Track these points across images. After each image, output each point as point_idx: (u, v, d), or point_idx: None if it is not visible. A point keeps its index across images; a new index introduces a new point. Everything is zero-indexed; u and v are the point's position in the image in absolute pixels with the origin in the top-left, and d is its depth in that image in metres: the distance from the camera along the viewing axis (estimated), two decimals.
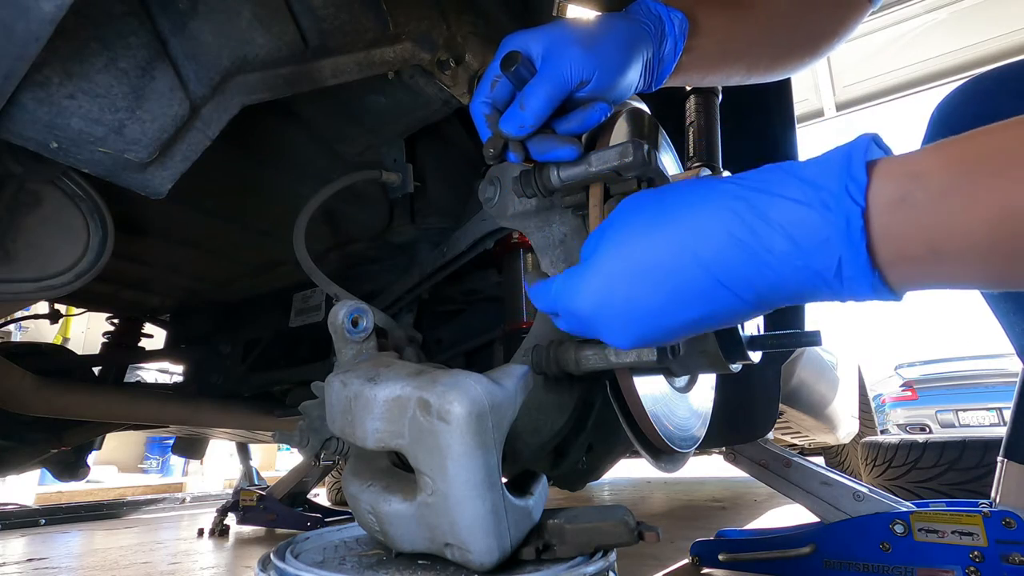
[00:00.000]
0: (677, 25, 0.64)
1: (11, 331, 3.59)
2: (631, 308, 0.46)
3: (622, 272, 0.46)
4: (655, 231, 0.45)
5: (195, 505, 3.70)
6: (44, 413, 1.12)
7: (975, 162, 0.36)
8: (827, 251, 0.38)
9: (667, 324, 0.45)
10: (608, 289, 0.46)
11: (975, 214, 0.35)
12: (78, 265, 0.67)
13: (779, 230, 0.39)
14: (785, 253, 0.39)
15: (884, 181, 0.37)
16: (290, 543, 0.59)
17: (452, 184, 1.09)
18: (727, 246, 0.41)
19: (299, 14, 0.68)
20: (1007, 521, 1.08)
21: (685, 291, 0.43)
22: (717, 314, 0.44)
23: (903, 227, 0.36)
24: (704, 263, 0.42)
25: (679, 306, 0.44)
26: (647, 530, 0.51)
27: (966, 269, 0.37)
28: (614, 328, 0.47)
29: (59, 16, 0.42)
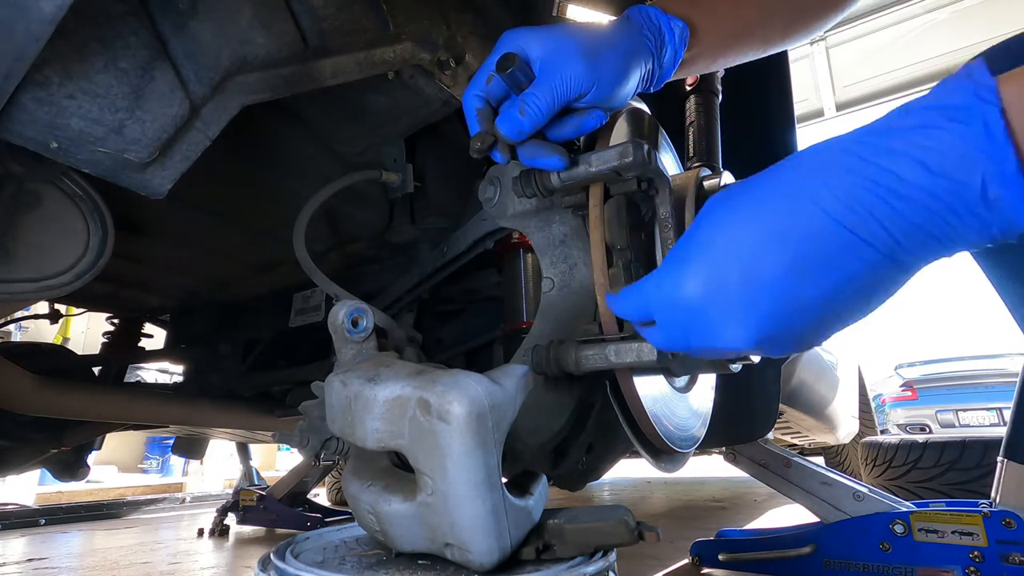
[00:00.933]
0: (677, 34, 0.64)
1: (11, 331, 3.59)
2: (751, 283, 0.39)
3: (732, 245, 0.40)
4: (765, 197, 0.40)
5: (195, 505, 3.70)
6: (44, 413, 1.12)
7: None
8: (966, 167, 0.33)
9: (798, 298, 0.38)
10: (720, 267, 0.40)
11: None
12: (78, 265, 0.67)
13: (906, 158, 0.35)
14: (918, 182, 0.34)
15: (1017, 83, 0.33)
16: (290, 543, 0.59)
17: (452, 184, 1.09)
18: (852, 187, 0.36)
19: (299, 14, 0.68)
20: (1007, 521, 1.08)
21: (811, 249, 0.37)
22: (854, 277, 0.37)
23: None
24: (828, 210, 0.37)
25: (808, 270, 0.37)
26: (647, 530, 0.51)
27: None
28: (734, 316, 0.40)
29: (59, 16, 0.42)
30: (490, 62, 0.59)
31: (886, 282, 0.38)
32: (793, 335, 0.40)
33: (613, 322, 0.63)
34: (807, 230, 0.37)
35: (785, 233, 0.38)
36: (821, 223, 0.37)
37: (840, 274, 0.37)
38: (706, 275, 0.41)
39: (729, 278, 0.40)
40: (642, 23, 0.63)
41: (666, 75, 0.66)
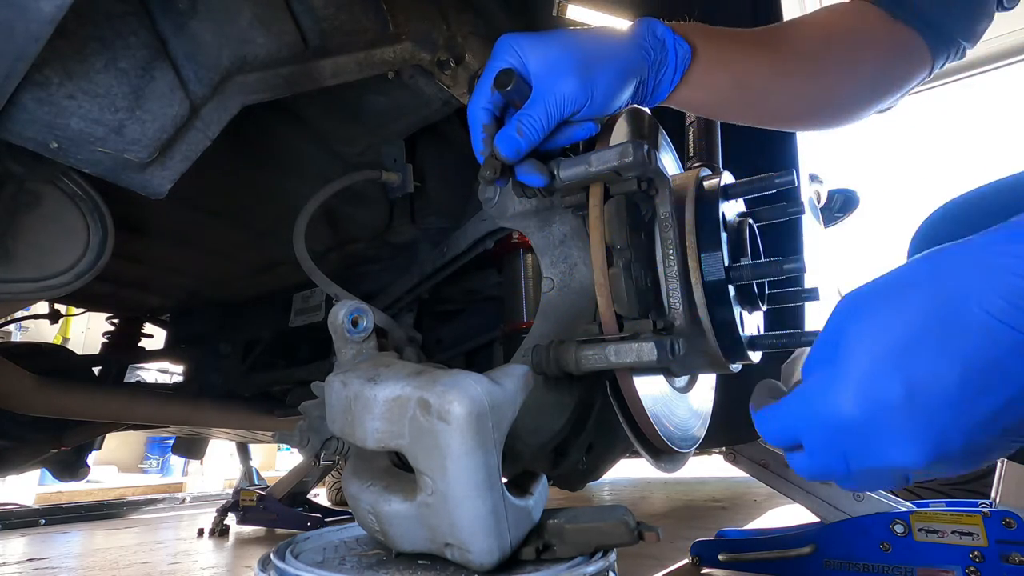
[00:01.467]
0: (680, 55, 0.63)
1: (11, 331, 3.59)
2: (916, 395, 0.35)
3: (887, 351, 0.36)
4: (914, 298, 0.36)
5: (195, 505, 3.70)
6: (44, 413, 1.12)
7: None
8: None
9: (973, 411, 0.35)
10: (878, 378, 0.36)
11: None
12: (78, 265, 0.67)
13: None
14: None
15: None
16: (290, 543, 0.59)
17: (452, 184, 1.09)
18: (1020, 288, 0.33)
19: (299, 14, 0.68)
20: (1007, 521, 1.08)
21: (983, 355, 0.34)
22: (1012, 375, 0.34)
23: None
24: (996, 313, 0.34)
25: (982, 379, 0.34)
26: (647, 530, 0.51)
27: None
28: (905, 434, 0.36)
29: (59, 16, 0.42)
30: (489, 72, 0.59)
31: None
32: (974, 451, 0.37)
33: (613, 322, 0.63)
34: (976, 335, 0.34)
35: (949, 338, 0.35)
36: (990, 327, 0.34)
37: (1018, 382, 0.34)
38: (862, 387, 0.37)
39: (891, 390, 0.36)
40: (645, 35, 0.62)
41: (662, 93, 0.65)
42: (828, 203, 2.82)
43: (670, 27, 0.64)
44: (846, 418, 0.37)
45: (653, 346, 0.58)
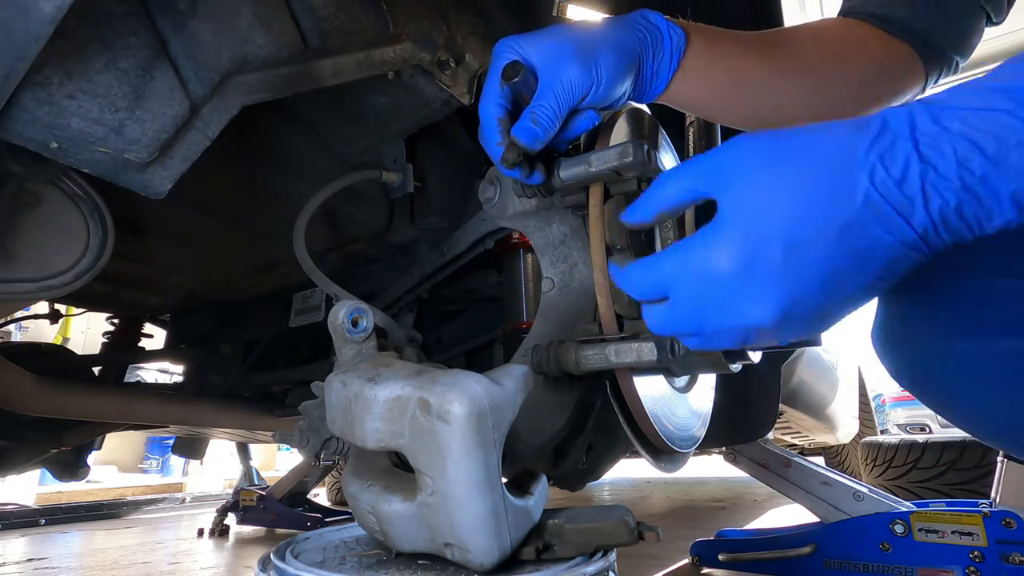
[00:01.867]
0: (675, 41, 0.63)
1: (11, 331, 3.59)
2: (793, 256, 0.38)
3: (780, 213, 0.38)
4: (813, 160, 0.38)
5: (195, 505, 3.70)
6: (44, 413, 1.12)
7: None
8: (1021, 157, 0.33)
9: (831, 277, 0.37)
10: (764, 238, 0.38)
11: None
12: (78, 265, 0.67)
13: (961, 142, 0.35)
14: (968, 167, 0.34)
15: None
16: (290, 543, 0.59)
17: (452, 184, 1.09)
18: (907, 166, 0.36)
19: (299, 14, 0.68)
20: (1007, 521, 1.08)
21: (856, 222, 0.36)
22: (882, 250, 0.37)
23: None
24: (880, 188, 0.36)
25: (847, 245, 0.37)
26: (647, 530, 0.51)
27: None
28: (763, 293, 0.38)
29: (59, 16, 0.42)
30: (494, 73, 0.59)
31: (908, 262, 0.38)
32: (816, 315, 0.39)
33: (613, 322, 0.63)
34: (857, 206, 0.36)
35: (835, 207, 0.37)
36: (872, 200, 0.36)
37: (879, 255, 0.37)
38: (746, 249, 0.39)
39: (772, 253, 0.38)
40: (638, 20, 0.63)
41: (661, 82, 0.65)
42: None
43: (663, 16, 0.64)
44: (722, 273, 0.39)
45: (653, 346, 0.58)
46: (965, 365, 0.52)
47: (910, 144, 0.36)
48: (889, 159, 0.36)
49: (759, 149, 0.41)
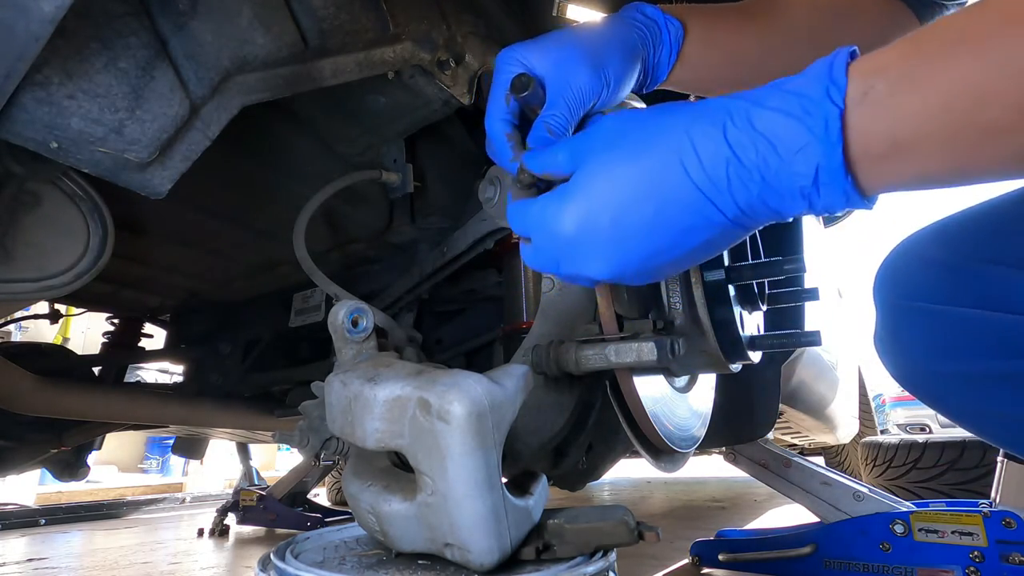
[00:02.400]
0: (673, 33, 0.64)
1: (11, 331, 3.59)
2: (618, 227, 0.44)
3: (610, 190, 0.44)
4: (645, 146, 0.44)
5: (195, 505, 3.70)
6: (44, 413, 1.12)
7: (928, 48, 0.37)
8: (806, 158, 0.38)
9: (655, 246, 0.44)
10: (596, 209, 0.45)
11: (929, 98, 0.36)
12: (78, 265, 0.67)
13: (762, 140, 0.39)
14: (767, 164, 0.39)
15: (852, 80, 0.38)
16: (290, 543, 0.59)
17: (452, 184, 1.09)
18: (713, 157, 0.41)
19: (299, 14, 0.68)
20: (1007, 521, 1.08)
21: (671, 205, 0.42)
22: (697, 229, 0.43)
23: (867, 122, 0.37)
24: (690, 174, 0.42)
25: (664, 223, 0.43)
26: (647, 530, 0.51)
27: (928, 159, 0.37)
28: (598, 253, 0.46)
29: (59, 16, 0.42)
30: (499, 84, 0.58)
31: (728, 238, 0.44)
32: (644, 273, 0.47)
33: (613, 322, 0.63)
34: (673, 187, 0.42)
35: (655, 184, 0.43)
36: (686, 187, 0.42)
37: (692, 224, 0.43)
38: (582, 212, 0.45)
39: (601, 219, 0.45)
40: (635, 18, 0.62)
41: (661, 73, 0.66)
42: None
43: (658, 7, 0.64)
44: (565, 233, 0.46)
45: (653, 346, 0.58)
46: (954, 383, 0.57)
47: (723, 140, 0.41)
48: (706, 152, 0.41)
49: (609, 132, 0.47)
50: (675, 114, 0.44)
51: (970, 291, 0.55)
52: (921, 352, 0.60)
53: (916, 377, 0.62)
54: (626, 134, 0.46)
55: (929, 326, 0.58)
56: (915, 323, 0.59)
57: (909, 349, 0.61)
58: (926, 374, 0.60)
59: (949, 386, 0.58)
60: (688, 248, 0.44)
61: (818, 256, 2.11)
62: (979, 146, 0.36)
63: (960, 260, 0.56)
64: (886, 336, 0.63)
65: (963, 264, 0.56)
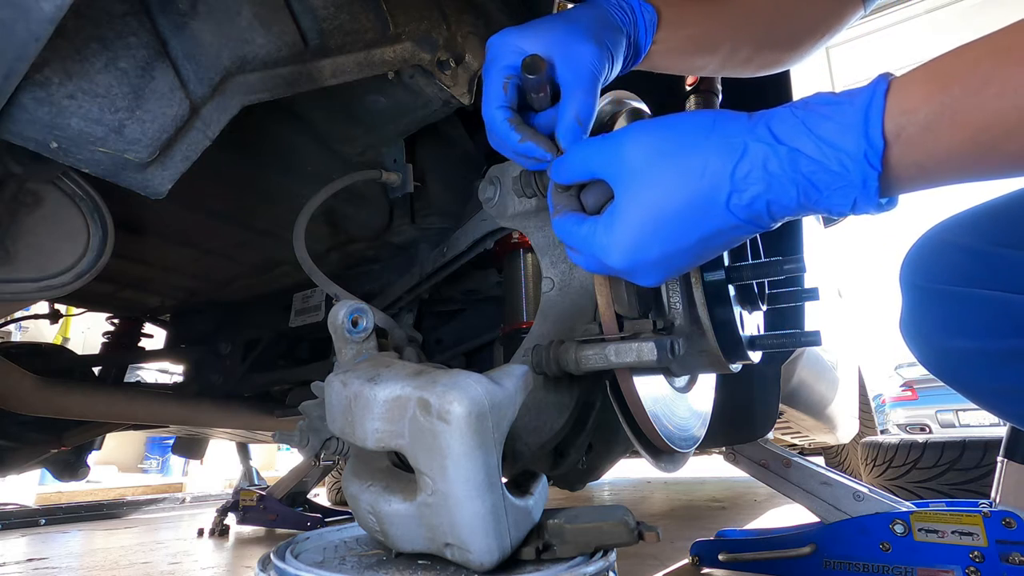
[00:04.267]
0: (647, 18, 0.65)
1: (11, 331, 3.59)
2: (664, 255, 0.49)
3: (655, 223, 0.48)
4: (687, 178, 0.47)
5: (195, 505, 3.70)
6: (44, 413, 1.12)
7: (954, 88, 0.40)
8: (844, 196, 0.43)
9: (691, 263, 0.50)
10: (643, 244, 0.49)
11: (956, 136, 0.40)
12: (78, 265, 0.67)
13: (803, 180, 0.43)
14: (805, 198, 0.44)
15: (886, 126, 0.41)
16: (290, 543, 0.59)
17: (452, 184, 1.09)
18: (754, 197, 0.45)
19: (299, 14, 0.68)
20: (1007, 521, 1.08)
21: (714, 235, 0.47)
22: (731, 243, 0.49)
23: (898, 158, 0.41)
24: (731, 209, 0.46)
25: (706, 250, 0.49)
26: (647, 530, 0.51)
27: (953, 178, 0.43)
28: (648, 275, 0.51)
29: (59, 16, 0.42)
30: (495, 71, 0.57)
31: (745, 236, 0.49)
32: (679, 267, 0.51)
33: (613, 322, 0.63)
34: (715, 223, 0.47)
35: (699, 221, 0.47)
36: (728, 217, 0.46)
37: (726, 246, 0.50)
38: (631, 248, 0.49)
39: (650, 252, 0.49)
40: (614, 3, 0.63)
41: (636, 59, 0.67)
42: None
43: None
44: (616, 264, 0.51)
45: (653, 346, 0.58)
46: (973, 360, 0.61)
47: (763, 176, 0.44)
48: (743, 185, 0.45)
49: (648, 151, 0.49)
50: (712, 138, 0.47)
51: (990, 274, 0.58)
52: (942, 331, 0.62)
53: (937, 356, 0.64)
54: (667, 157, 0.48)
55: (950, 307, 0.61)
56: (937, 304, 0.62)
57: (930, 329, 0.64)
58: (946, 352, 0.63)
59: (967, 363, 0.61)
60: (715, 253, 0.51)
61: (818, 256, 2.11)
62: (1000, 170, 0.41)
63: (982, 245, 0.59)
64: (909, 317, 0.66)
65: (984, 249, 0.59)
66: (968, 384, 0.64)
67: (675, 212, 0.47)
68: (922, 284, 0.63)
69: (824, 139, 0.43)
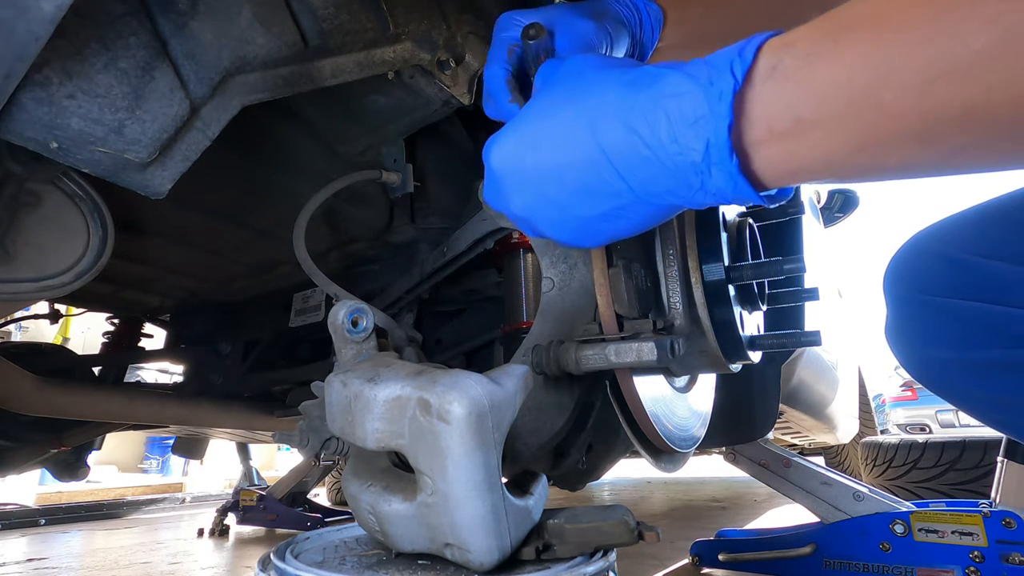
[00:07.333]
0: (653, 16, 0.67)
1: (11, 331, 3.59)
2: (536, 170, 0.46)
3: (536, 132, 0.46)
4: (571, 100, 0.45)
5: (195, 505, 3.70)
6: (44, 413, 1.12)
7: (834, 26, 0.36)
8: (698, 132, 0.37)
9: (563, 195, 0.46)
10: (520, 149, 0.47)
11: (831, 74, 0.35)
12: (78, 265, 0.67)
13: (663, 108, 0.39)
14: (664, 133, 0.39)
15: (763, 55, 0.37)
16: (290, 543, 0.59)
17: (452, 184, 1.09)
18: (616, 121, 0.41)
19: (299, 14, 0.68)
20: (1007, 521, 1.08)
21: (580, 159, 0.43)
22: (603, 194, 0.44)
23: (771, 96, 0.36)
24: (595, 134, 0.42)
25: (572, 177, 0.44)
26: (647, 530, 0.51)
27: (830, 140, 0.36)
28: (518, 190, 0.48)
29: (59, 16, 0.42)
30: (499, 40, 0.60)
31: (642, 214, 0.45)
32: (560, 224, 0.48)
33: (613, 322, 0.63)
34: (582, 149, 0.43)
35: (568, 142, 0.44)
36: (592, 147, 0.42)
37: (603, 198, 0.44)
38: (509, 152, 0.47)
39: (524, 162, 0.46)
40: (619, 1, 0.65)
41: (645, 54, 0.68)
42: (828, 203, 2.82)
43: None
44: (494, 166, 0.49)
45: (653, 346, 0.58)
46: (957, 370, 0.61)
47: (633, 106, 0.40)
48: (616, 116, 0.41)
49: (557, 74, 0.48)
50: (609, 70, 0.44)
51: (972, 285, 0.57)
52: (923, 340, 0.63)
53: (922, 365, 0.65)
54: (568, 79, 0.46)
55: (929, 316, 0.61)
56: (917, 313, 0.63)
57: (915, 339, 0.64)
58: (931, 362, 0.63)
59: (952, 373, 0.61)
60: (601, 210, 0.45)
61: (818, 256, 2.11)
62: (879, 127, 0.34)
63: (963, 255, 0.59)
64: (894, 327, 0.67)
65: (966, 259, 0.58)
66: (951, 392, 0.64)
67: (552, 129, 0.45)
68: (903, 293, 0.64)
69: (706, 58, 0.39)
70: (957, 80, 0.31)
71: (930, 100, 0.32)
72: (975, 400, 0.62)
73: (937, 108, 0.32)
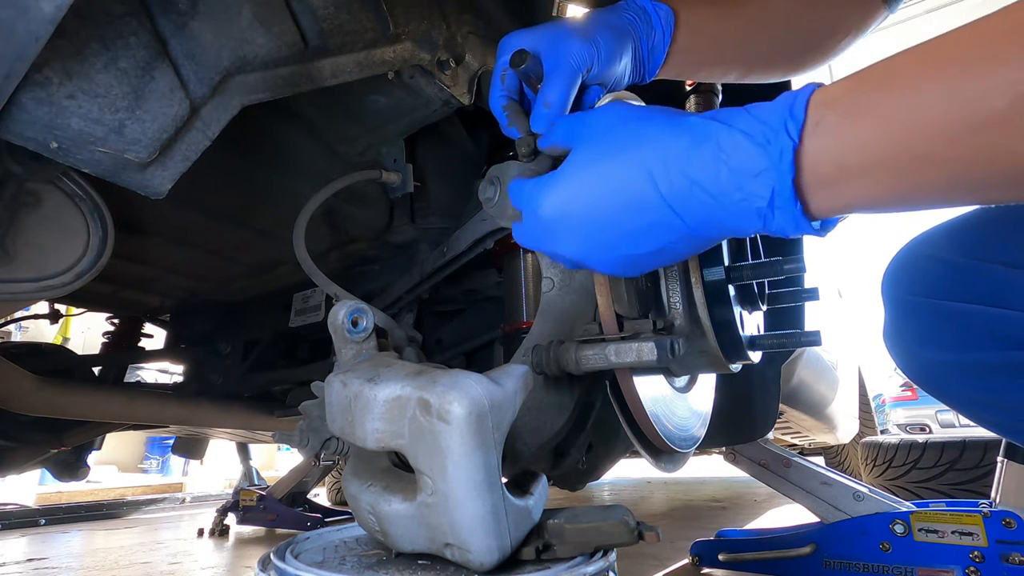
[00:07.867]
0: (663, 17, 0.67)
1: (11, 331, 3.59)
2: (590, 216, 0.48)
3: (588, 183, 0.49)
4: (624, 149, 0.48)
5: (195, 505, 3.70)
6: (44, 413, 1.12)
7: (870, 84, 0.41)
8: (763, 183, 0.42)
9: (618, 237, 0.48)
10: (573, 198, 0.49)
11: (870, 128, 0.39)
12: (78, 265, 0.67)
13: (724, 161, 0.43)
14: (727, 183, 0.43)
15: (809, 113, 0.42)
16: (290, 543, 0.59)
17: (452, 184, 1.09)
18: (679, 174, 0.44)
19: (299, 14, 0.68)
20: (1007, 521, 1.08)
21: (637, 204, 0.46)
22: (658, 230, 0.47)
23: (818, 149, 0.41)
24: (657, 185, 0.45)
25: (630, 220, 0.47)
26: (647, 530, 0.51)
27: (873, 184, 0.41)
28: (571, 236, 0.50)
29: (59, 16, 0.42)
30: (500, 67, 0.62)
31: (692, 245, 0.48)
32: (614, 262, 0.51)
33: (613, 322, 0.63)
34: (640, 195, 0.46)
35: (625, 190, 0.47)
36: (652, 193, 0.46)
37: (657, 234, 0.47)
38: (561, 203, 0.50)
39: (576, 210, 0.49)
40: (626, 8, 0.66)
41: (657, 61, 0.68)
42: None
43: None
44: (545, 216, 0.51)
45: (653, 346, 0.58)
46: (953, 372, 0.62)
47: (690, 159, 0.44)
48: (673, 168, 0.44)
49: (599, 124, 0.50)
50: (655, 122, 0.47)
51: (965, 286, 0.58)
52: (920, 343, 0.64)
53: (917, 366, 0.66)
54: (612, 131, 0.49)
55: (926, 319, 0.62)
56: (915, 316, 0.63)
57: (910, 340, 0.65)
58: (928, 364, 0.64)
59: (949, 375, 0.62)
60: (653, 247, 0.48)
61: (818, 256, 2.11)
62: (916, 173, 0.39)
63: (961, 259, 0.59)
64: (892, 329, 0.67)
65: (963, 262, 0.59)
66: (947, 394, 0.65)
67: (606, 178, 0.47)
68: (901, 296, 0.64)
69: (753, 114, 0.43)
70: (983, 133, 0.36)
71: (957, 149, 0.37)
72: (971, 402, 0.63)
73: (964, 156, 0.37)
